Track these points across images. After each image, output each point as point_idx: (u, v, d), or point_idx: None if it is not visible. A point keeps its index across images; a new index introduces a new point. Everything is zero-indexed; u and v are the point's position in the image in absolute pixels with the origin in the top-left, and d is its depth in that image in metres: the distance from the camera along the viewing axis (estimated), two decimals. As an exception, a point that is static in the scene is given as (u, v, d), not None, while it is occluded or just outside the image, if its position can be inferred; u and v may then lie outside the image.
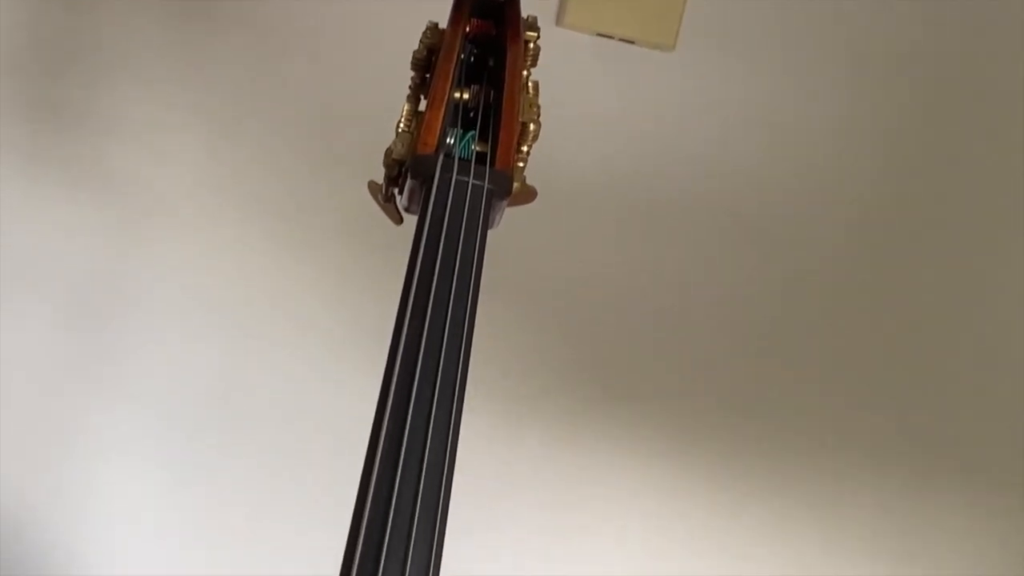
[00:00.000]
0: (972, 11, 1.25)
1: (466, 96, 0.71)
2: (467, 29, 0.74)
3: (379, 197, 0.72)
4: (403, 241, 0.67)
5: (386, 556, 0.56)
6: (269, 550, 1.18)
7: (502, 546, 1.24)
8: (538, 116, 0.71)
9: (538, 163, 0.72)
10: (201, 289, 1.17)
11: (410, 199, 0.69)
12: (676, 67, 1.24)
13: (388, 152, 0.69)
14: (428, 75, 0.72)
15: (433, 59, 0.72)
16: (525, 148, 0.70)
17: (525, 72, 0.72)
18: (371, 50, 1.18)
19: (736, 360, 1.28)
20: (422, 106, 0.70)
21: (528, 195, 0.70)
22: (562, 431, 1.24)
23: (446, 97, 0.69)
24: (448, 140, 0.69)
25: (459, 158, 0.67)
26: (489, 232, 0.66)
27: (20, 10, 1.16)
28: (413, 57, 0.72)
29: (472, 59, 0.75)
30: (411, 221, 0.69)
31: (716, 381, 1.28)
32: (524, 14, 0.75)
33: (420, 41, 0.72)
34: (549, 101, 0.72)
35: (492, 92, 0.72)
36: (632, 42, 1.22)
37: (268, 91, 1.21)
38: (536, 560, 1.25)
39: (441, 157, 0.66)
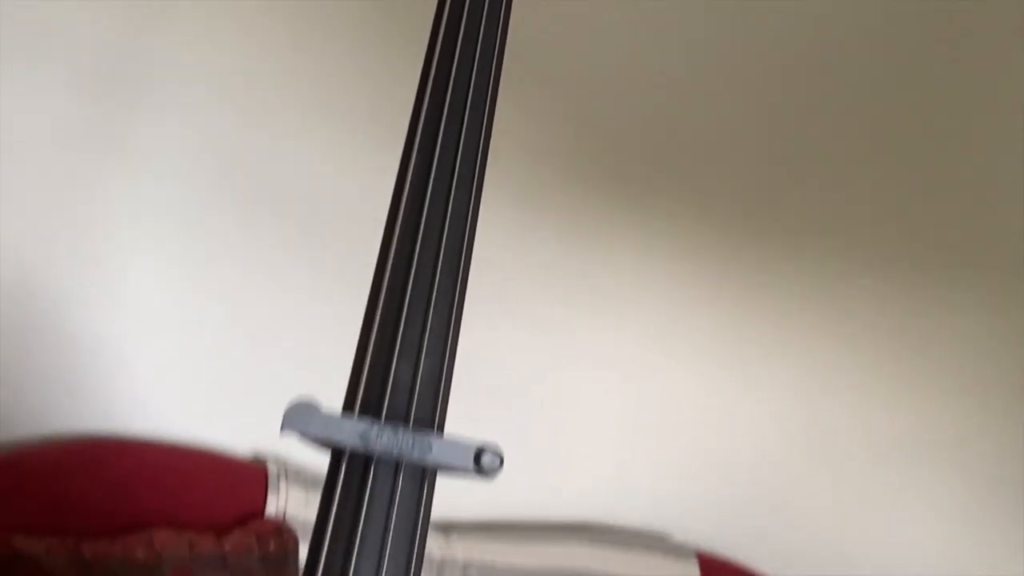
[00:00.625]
0: None
1: None
2: None
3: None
4: (424, 20, 0.65)
5: (404, 324, 0.57)
6: (283, 319, 1.20)
7: (512, 336, 1.26)
8: None
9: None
10: (220, 61, 1.14)
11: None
12: None
13: (411, -86, 0.66)
14: None
15: None
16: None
17: None
18: None
19: (749, 159, 1.27)
20: None
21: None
22: (576, 222, 1.25)
23: None
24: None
25: None
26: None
27: None
28: None
29: None
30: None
31: (729, 179, 1.27)
32: None
33: None
34: None
35: None
36: None
37: None
38: (545, 350, 1.28)
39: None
